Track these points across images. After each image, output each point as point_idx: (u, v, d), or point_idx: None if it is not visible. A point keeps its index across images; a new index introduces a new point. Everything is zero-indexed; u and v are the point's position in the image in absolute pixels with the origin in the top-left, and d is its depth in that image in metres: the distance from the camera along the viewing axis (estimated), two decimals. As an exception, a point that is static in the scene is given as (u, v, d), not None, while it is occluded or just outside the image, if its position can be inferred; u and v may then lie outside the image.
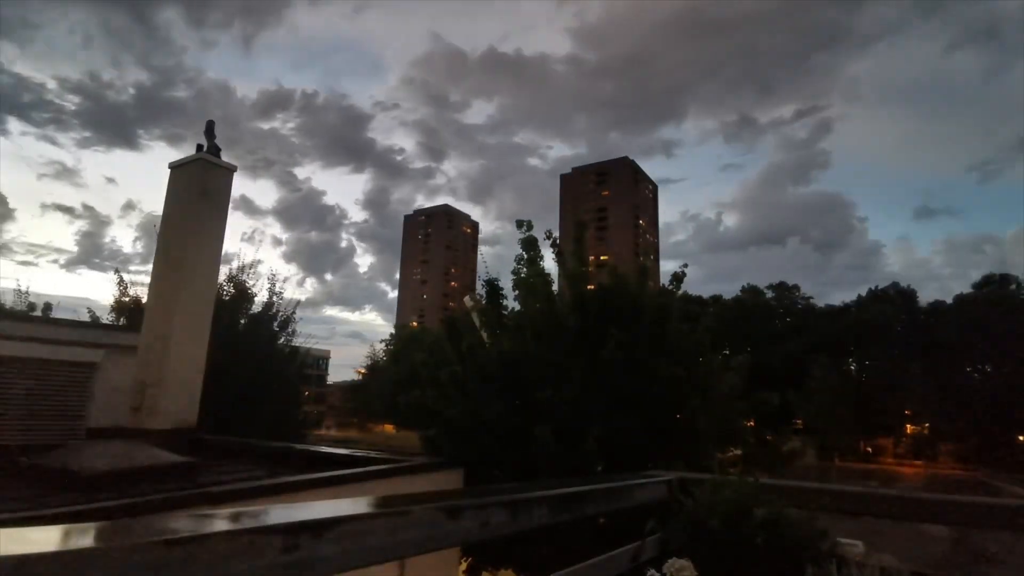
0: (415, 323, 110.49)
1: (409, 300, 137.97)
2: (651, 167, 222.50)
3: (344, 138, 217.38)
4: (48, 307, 16.13)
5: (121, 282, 13.49)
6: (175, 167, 7.81)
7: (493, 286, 8.18)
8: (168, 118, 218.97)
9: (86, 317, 13.85)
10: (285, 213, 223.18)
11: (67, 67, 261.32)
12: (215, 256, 7.70)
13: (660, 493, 2.71)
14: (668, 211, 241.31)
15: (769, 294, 69.18)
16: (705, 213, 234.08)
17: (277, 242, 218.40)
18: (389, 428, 62.97)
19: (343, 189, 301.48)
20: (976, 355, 50.07)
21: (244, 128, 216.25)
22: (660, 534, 2.53)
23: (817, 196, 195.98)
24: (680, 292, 8.47)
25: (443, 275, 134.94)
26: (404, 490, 3.97)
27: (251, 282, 13.21)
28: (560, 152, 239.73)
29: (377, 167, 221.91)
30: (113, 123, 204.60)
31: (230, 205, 7.97)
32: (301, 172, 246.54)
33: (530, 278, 7.96)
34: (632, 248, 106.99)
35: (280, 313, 13.36)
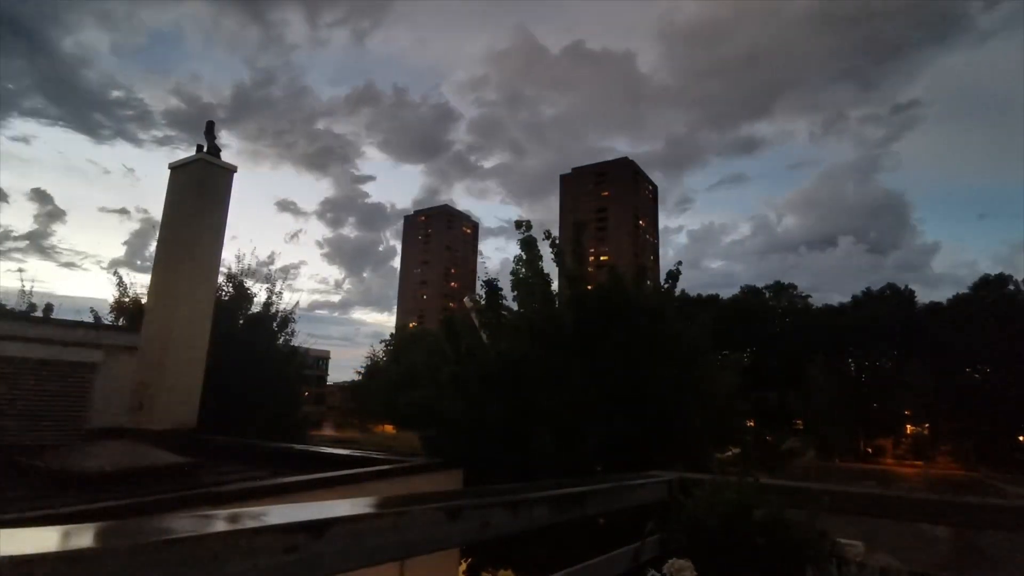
0: (414, 323, 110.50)
1: (409, 300, 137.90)
2: (729, 165, 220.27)
3: (422, 136, 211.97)
4: (49, 308, 16.06)
5: (121, 282, 13.50)
6: (175, 167, 7.81)
7: (492, 287, 8.19)
8: (252, 116, 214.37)
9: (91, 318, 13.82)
10: (339, 212, 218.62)
11: (167, 64, 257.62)
12: (215, 257, 7.71)
13: (660, 493, 2.71)
14: (731, 210, 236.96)
15: (767, 294, 69.31)
16: (767, 212, 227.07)
17: (320, 244, 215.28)
18: (389, 428, 62.90)
19: (407, 188, 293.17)
20: (975, 355, 50.10)
21: (323, 126, 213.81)
22: (660, 534, 2.53)
23: (878, 195, 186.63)
24: (678, 292, 8.49)
25: (443, 275, 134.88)
26: (404, 490, 3.97)
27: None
28: (635, 151, 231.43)
29: (441, 166, 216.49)
30: (200, 120, 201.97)
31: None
32: (369, 170, 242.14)
33: (528, 278, 7.98)
34: (632, 249, 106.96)
35: (279, 313, 13.37)
